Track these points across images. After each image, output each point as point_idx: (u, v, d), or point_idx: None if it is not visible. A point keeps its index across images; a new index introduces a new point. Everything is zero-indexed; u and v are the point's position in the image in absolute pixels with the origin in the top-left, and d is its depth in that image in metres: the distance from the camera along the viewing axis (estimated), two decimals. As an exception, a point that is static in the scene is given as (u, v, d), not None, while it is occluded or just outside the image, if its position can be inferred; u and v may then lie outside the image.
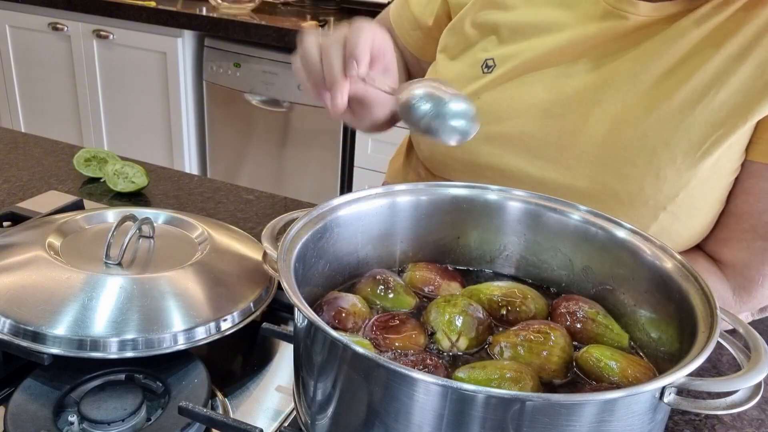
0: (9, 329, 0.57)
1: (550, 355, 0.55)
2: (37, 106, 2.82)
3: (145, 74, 2.51)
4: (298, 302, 0.47)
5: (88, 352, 0.57)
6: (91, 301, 0.59)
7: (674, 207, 0.68)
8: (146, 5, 2.36)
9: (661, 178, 0.67)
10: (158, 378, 0.59)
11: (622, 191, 0.68)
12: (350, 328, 0.58)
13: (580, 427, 0.42)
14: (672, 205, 0.67)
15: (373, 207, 0.66)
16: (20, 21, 2.64)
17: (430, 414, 0.42)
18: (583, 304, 0.61)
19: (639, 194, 0.68)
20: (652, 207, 0.68)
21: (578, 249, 0.65)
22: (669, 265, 0.58)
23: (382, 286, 0.63)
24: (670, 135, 0.68)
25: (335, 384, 0.47)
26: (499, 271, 0.70)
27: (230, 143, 2.51)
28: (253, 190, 1.07)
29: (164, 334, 0.58)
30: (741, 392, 0.45)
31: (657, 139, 0.68)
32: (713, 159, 0.67)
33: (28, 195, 0.99)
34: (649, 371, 0.54)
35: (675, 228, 0.70)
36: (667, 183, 0.67)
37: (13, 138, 1.22)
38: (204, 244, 0.71)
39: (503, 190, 0.68)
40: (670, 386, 0.43)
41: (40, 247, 0.66)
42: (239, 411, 0.60)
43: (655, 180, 0.67)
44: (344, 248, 0.65)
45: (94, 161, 1.06)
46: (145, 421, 0.56)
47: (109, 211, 0.76)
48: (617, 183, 0.69)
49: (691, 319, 0.51)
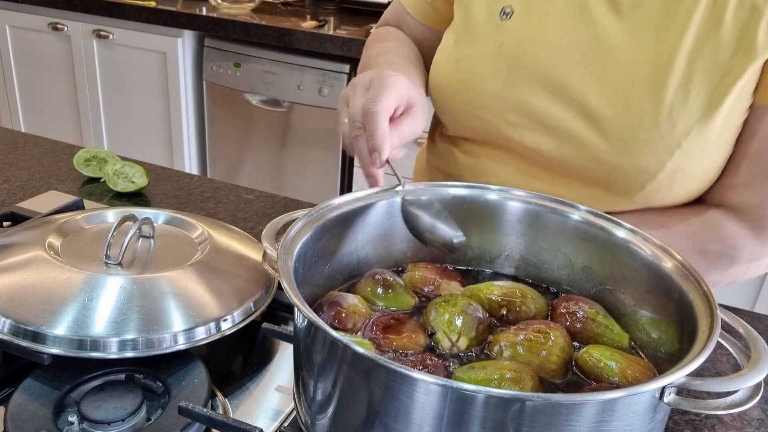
0: (9, 329, 0.57)
1: (550, 355, 0.55)
2: (37, 106, 2.82)
3: (145, 74, 2.51)
4: (298, 302, 0.47)
5: (88, 352, 0.57)
6: (91, 301, 0.59)
7: (688, 144, 0.70)
8: (146, 5, 2.36)
9: (674, 116, 0.70)
10: (158, 378, 0.59)
11: (639, 127, 0.71)
12: (350, 328, 0.58)
13: (580, 427, 0.42)
14: (686, 142, 0.70)
15: (373, 207, 0.66)
16: (20, 21, 2.64)
17: (430, 414, 0.42)
18: (583, 304, 0.61)
19: (655, 130, 0.70)
20: (667, 144, 0.70)
21: (578, 249, 0.65)
22: (669, 265, 0.58)
23: (382, 285, 0.63)
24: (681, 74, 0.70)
25: (335, 384, 0.47)
26: (499, 271, 0.70)
27: (230, 143, 2.51)
28: (253, 190, 1.07)
29: (164, 334, 0.58)
30: (741, 392, 0.45)
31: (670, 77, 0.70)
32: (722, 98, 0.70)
33: (28, 195, 0.99)
34: (649, 371, 0.54)
35: (689, 167, 0.72)
36: (680, 120, 0.69)
37: (13, 138, 1.22)
38: (204, 244, 0.71)
39: (503, 190, 0.68)
40: (670, 386, 0.43)
41: (40, 247, 0.66)
42: (239, 411, 0.60)
43: (668, 117, 0.70)
44: (344, 248, 0.65)
45: (94, 161, 1.06)
46: (145, 421, 0.56)
47: (109, 211, 0.76)
48: (636, 120, 0.71)
49: (691, 319, 0.51)
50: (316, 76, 2.23)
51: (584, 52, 0.74)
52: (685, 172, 0.72)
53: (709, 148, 0.72)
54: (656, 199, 0.75)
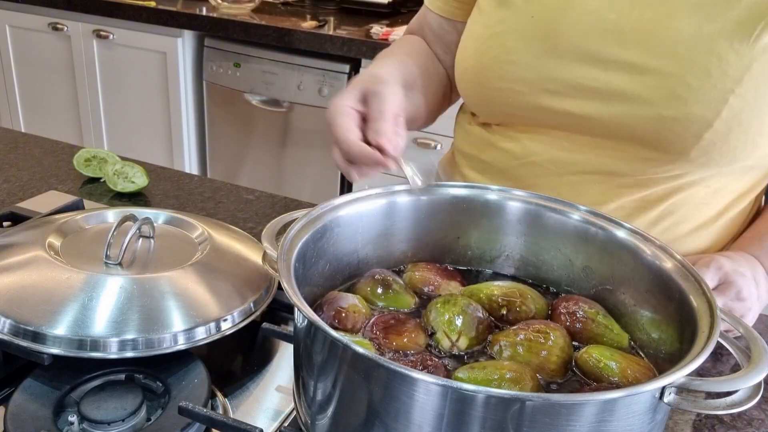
0: (9, 329, 0.57)
1: (549, 355, 0.55)
2: (37, 106, 2.82)
3: (145, 74, 2.51)
4: (298, 302, 0.47)
5: (88, 352, 0.57)
6: (91, 301, 0.59)
7: (741, 90, 0.69)
8: (146, 5, 2.36)
9: (724, 62, 0.69)
10: (158, 378, 0.59)
11: (689, 75, 0.70)
12: (350, 328, 0.58)
13: (580, 427, 0.42)
14: (739, 88, 0.69)
15: (373, 207, 0.66)
16: (20, 21, 2.64)
17: (430, 414, 0.42)
18: (583, 304, 0.61)
19: (707, 79, 0.69)
20: (721, 90, 0.69)
21: (578, 249, 0.65)
22: (669, 265, 0.58)
23: (382, 285, 0.63)
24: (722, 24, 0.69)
25: (335, 384, 0.47)
26: (499, 271, 0.70)
27: (230, 143, 2.51)
28: (253, 190, 1.07)
29: (164, 334, 0.58)
30: (741, 392, 0.45)
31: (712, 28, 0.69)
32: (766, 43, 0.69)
33: (28, 195, 0.99)
34: (649, 371, 0.54)
35: (746, 115, 0.70)
36: (730, 67, 0.69)
37: (13, 138, 1.22)
38: (204, 244, 0.71)
39: (503, 190, 0.68)
40: (670, 386, 0.43)
41: (40, 247, 0.66)
42: (239, 411, 0.60)
43: (718, 64, 0.69)
44: (344, 248, 0.65)
45: (94, 161, 1.06)
46: (145, 421, 0.56)
47: (109, 211, 0.76)
48: (684, 69, 0.70)
49: (691, 319, 0.51)
50: (316, 76, 2.23)
51: (618, 12, 0.73)
52: (742, 120, 0.70)
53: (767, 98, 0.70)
54: (715, 154, 0.72)
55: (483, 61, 0.80)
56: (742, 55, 0.68)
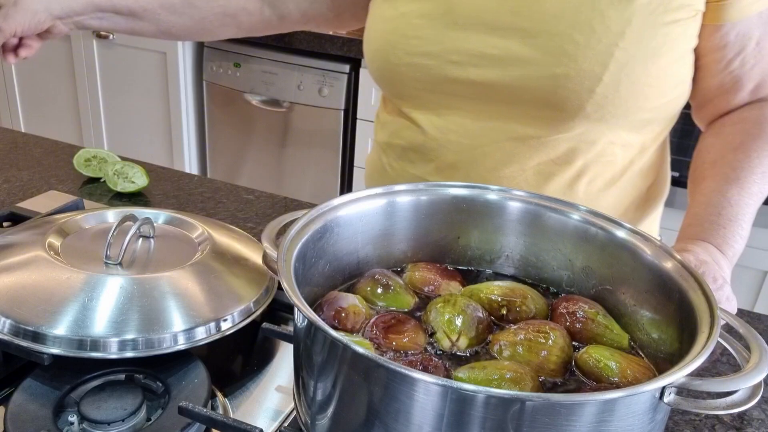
0: (9, 329, 0.57)
1: (550, 355, 0.55)
2: (37, 106, 2.82)
3: (145, 74, 2.51)
4: (298, 302, 0.47)
5: (88, 352, 0.57)
6: (91, 301, 0.59)
7: (625, 43, 0.74)
8: (146, 5, 2.36)
9: (606, 18, 0.74)
10: (158, 378, 0.59)
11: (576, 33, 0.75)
12: (350, 328, 0.58)
13: (580, 427, 0.42)
14: (622, 41, 0.74)
15: (373, 207, 0.66)
16: (20, 21, 2.64)
17: (430, 414, 0.42)
18: (583, 304, 0.61)
19: (592, 34, 0.74)
20: (606, 44, 0.74)
21: (578, 249, 0.65)
22: (669, 265, 0.58)
23: (382, 285, 0.63)
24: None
25: (335, 384, 0.47)
26: (499, 271, 0.70)
27: (230, 143, 2.52)
28: (253, 190, 1.07)
29: (164, 334, 0.58)
30: (741, 392, 0.45)
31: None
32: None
33: (28, 195, 0.99)
34: (648, 371, 0.54)
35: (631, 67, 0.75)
36: (612, 21, 0.73)
37: (13, 138, 1.22)
38: (204, 244, 0.71)
39: (503, 190, 0.68)
40: (670, 386, 0.43)
41: (40, 247, 0.66)
42: (239, 411, 0.60)
43: (601, 20, 0.74)
44: (344, 248, 0.65)
45: (94, 161, 1.06)
46: (145, 421, 0.56)
47: (109, 211, 0.76)
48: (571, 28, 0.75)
49: (691, 319, 0.51)
50: (316, 76, 2.23)
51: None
52: (629, 72, 0.75)
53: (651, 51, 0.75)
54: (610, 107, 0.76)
55: (390, 39, 0.84)
56: (622, 10, 0.74)
